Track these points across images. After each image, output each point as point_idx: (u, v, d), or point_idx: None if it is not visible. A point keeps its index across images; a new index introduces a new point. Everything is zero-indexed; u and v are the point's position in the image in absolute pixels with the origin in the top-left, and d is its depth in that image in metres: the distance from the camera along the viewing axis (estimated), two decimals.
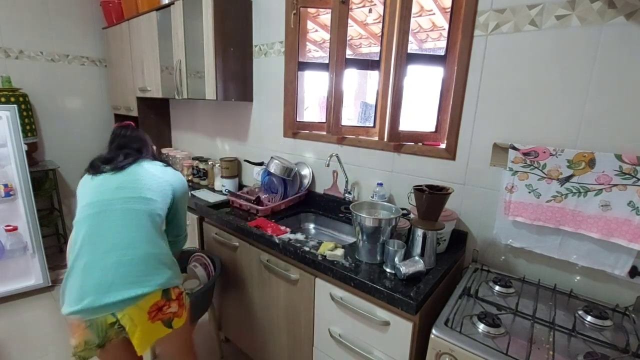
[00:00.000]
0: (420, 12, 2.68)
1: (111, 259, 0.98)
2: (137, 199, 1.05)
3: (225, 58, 1.93)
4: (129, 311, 0.98)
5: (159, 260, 1.05)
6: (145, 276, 1.00)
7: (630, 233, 0.99)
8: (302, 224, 1.81)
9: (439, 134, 1.53)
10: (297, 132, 1.93)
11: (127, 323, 0.99)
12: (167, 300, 1.04)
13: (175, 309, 1.06)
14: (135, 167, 1.14)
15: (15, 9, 2.64)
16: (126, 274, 0.98)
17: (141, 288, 0.98)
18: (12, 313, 2.22)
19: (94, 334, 0.99)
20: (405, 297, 0.99)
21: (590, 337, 0.92)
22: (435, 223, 1.15)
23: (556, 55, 1.08)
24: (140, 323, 1.00)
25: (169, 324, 1.05)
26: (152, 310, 1.01)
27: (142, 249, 1.02)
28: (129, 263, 0.99)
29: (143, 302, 0.99)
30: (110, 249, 0.99)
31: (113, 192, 1.05)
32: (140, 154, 1.22)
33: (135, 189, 1.07)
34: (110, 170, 1.11)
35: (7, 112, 2.15)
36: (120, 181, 1.08)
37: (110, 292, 0.96)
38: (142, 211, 1.05)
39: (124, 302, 0.97)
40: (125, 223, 1.02)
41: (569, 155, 1.06)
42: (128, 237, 1.01)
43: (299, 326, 1.37)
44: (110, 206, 1.03)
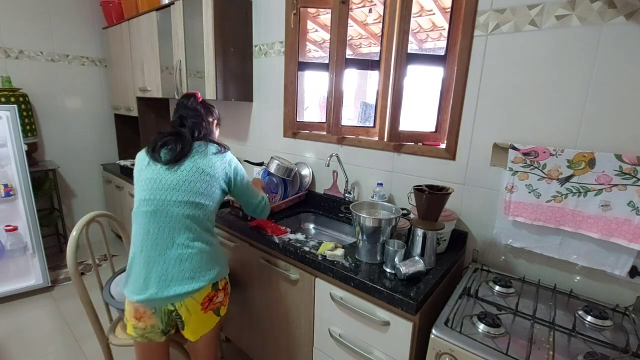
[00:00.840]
0: (420, 12, 2.67)
1: (171, 255, 1.11)
2: (190, 203, 1.13)
3: (225, 58, 1.93)
4: (186, 302, 1.12)
5: (210, 256, 1.17)
6: (200, 271, 1.13)
7: (630, 233, 0.99)
8: (302, 224, 1.81)
9: (439, 134, 1.53)
10: (297, 132, 1.93)
11: (183, 313, 1.13)
12: (216, 291, 1.18)
13: (221, 298, 1.21)
14: (189, 163, 1.16)
15: (16, 9, 2.64)
16: (184, 269, 1.11)
17: (197, 283, 1.11)
18: (12, 313, 2.22)
19: (158, 320, 1.14)
20: (405, 297, 0.99)
21: (590, 337, 0.92)
22: (435, 223, 1.15)
23: (556, 55, 1.08)
24: (195, 312, 1.14)
25: (217, 312, 1.21)
26: (205, 302, 1.15)
27: (197, 248, 1.13)
28: (187, 259, 1.12)
29: (198, 295, 1.13)
30: (169, 246, 1.11)
31: (168, 193, 1.12)
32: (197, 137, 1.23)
33: (188, 192, 1.13)
34: (165, 163, 1.15)
35: (7, 112, 2.15)
36: (176, 182, 1.13)
37: (171, 285, 1.09)
38: (195, 216, 1.14)
39: (182, 295, 1.10)
40: (180, 226, 1.12)
41: (569, 155, 1.06)
42: (184, 237, 1.12)
43: (299, 326, 1.37)
44: (167, 207, 1.11)
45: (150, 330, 1.15)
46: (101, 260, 2.80)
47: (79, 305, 1.50)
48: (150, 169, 1.17)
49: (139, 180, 1.17)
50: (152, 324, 1.14)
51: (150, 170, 1.16)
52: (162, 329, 1.16)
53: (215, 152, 1.23)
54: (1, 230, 2.25)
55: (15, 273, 2.36)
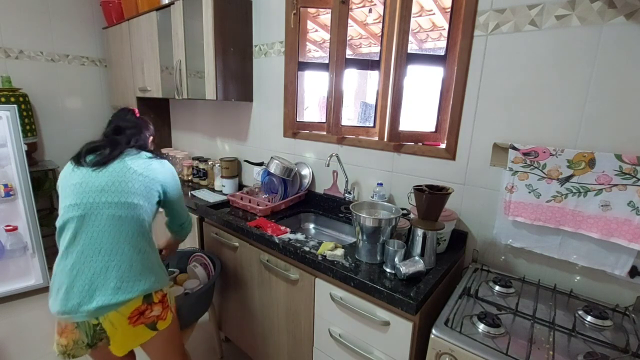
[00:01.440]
0: (420, 12, 2.67)
1: (97, 264, 1.00)
2: (122, 204, 1.03)
3: (225, 58, 1.93)
4: (110, 316, 1.01)
5: (143, 265, 1.06)
6: (128, 282, 1.02)
7: (630, 233, 0.99)
8: (302, 224, 1.81)
9: (439, 134, 1.53)
10: (297, 132, 1.93)
11: (107, 327, 1.03)
12: (149, 304, 1.06)
13: (158, 312, 1.09)
14: (118, 164, 1.08)
15: (16, 9, 2.64)
16: (110, 279, 1.00)
17: (123, 294, 1.00)
18: (12, 313, 2.22)
19: (82, 334, 1.05)
20: (405, 297, 0.99)
21: (590, 337, 0.92)
22: (435, 223, 1.15)
23: (556, 55, 1.08)
24: (121, 326, 1.03)
25: (153, 327, 1.08)
26: (133, 315, 1.03)
27: (126, 255, 1.03)
28: (113, 268, 1.01)
29: (124, 308, 1.02)
30: (95, 253, 1.01)
31: (97, 195, 1.02)
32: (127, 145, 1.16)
33: (119, 193, 1.03)
34: (92, 165, 1.07)
35: (7, 112, 2.15)
36: (104, 182, 1.04)
37: (95, 297, 0.99)
38: (127, 217, 1.04)
39: (105, 308, 0.99)
40: (111, 229, 1.02)
41: (569, 155, 1.06)
42: (113, 243, 1.02)
43: (299, 326, 1.37)
44: (95, 210, 1.02)
45: (73, 346, 1.06)
46: None
47: None
48: (75, 174, 1.08)
49: (64, 187, 1.08)
50: (74, 339, 1.05)
51: (76, 175, 1.07)
52: (87, 342, 1.07)
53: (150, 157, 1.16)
54: (1, 230, 2.25)
55: (15, 273, 2.36)
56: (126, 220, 1.04)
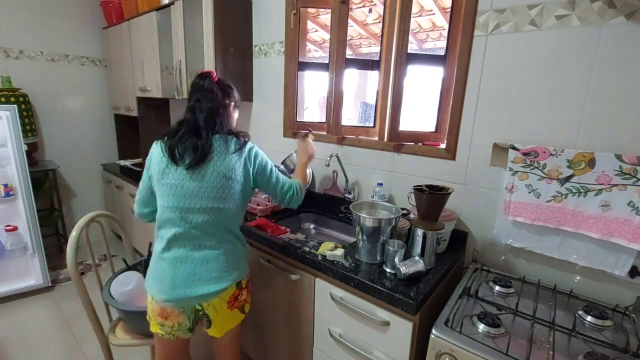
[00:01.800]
0: (420, 12, 2.67)
1: (198, 256, 1.13)
2: (213, 209, 1.14)
3: (225, 58, 1.93)
4: (214, 302, 1.15)
5: (234, 256, 1.19)
6: (225, 271, 1.15)
7: (630, 233, 0.99)
8: (302, 224, 1.81)
9: (439, 134, 1.53)
10: (297, 132, 1.92)
11: (210, 312, 1.16)
12: (240, 290, 1.20)
13: (245, 296, 1.24)
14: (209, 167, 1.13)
15: (16, 9, 2.64)
16: (211, 269, 1.13)
17: (223, 283, 1.14)
18: (12, 313, 2.22)
19: (185, 318, 1.17)
20: (405, 297, 0.99)
21: (590, 337, 0.92)
22: (435, 223, 1.15)
23: (556, 55, 1.08)
24: (222, 311, 1.17)
25: (242, 310, 1.24)
26: (231, 300, 1.18)
27: (222, 248, 1.16)
28: (213, 260, 1.14)
29: (224, 294, 1.16)
30: (196, 247, 1.14)
31: (191, 200, 1.12)
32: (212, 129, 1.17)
33: (211, 199, 1.13)
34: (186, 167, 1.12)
35: (7, 112, 2.15)
36: (197, 188, 1.12)
37: (199, 285, 1.11)
38: (218, 220, 1.15)
39: (210, 295, 1.13)
40: (204, 231, 1.14)
41: (569, 155, 1.06)
42: (210, 239, 1.15)
43: (299, 326, 1.37)
44: (191, 214, 1.12)
45: (178, 328, 1.17)
46: (101, 260, 2.80)
47: (79, 305, 1.50)
48: (171, 173, 1.14)
49: (161, 184, 1.15)
50: (179, 321, 1.17)
51: (171, 175, 1.13)
52: (189, 326, 1.19)
53: (234, 151, 1.17)
54: (1, 230, 2.25)
55: (15, 273, 2.36)
56: (215, 223, 1.15)
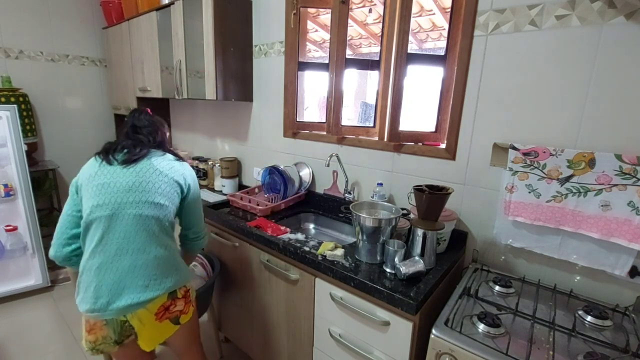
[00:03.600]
0: (420, 12, 2.68)
1: (125, 262, 1.03)
2: (148, 204, 1.07)
3: (225, 58, 1.93)
4: (138, 313, 1.05)
5: (168, 263, 1.10)
6: (155, 280, 1.06)
7: (630, 233, 0.99)
8: (302, 224, 1.81)
9: (439, 134, 1.53)
10: (297, 132, 1.93)
11: (135, 324, 1.06)
12: (173, 300, 1.11)
13: (181, 307, 1.13)
14: (145, 163, 1.12)
15: (16, 9, 2.64)
16: (138, 277, 1.04)
17: (151, 292, 1.04)
18: (12, 313, 2.22)
19: (110, 331, 1.06)
20: (405, 297, 0.99)
21: (590, 337, 0.92)
22: (435, 223, 1.15)
23: (556, 55, 1.08)
24: (149, 323, 1.07)
25: (176, 321, 1.13)
26: (159, 312, 1.08)
27: (153, 253, 1.07)
28: (141, 267, 1.05)
29: (151, 305, 1.06)
30: (123, 252, 1.04)
31: (124, 195, 1.05)
32: (154, 144, 1.20)
33: (145, 192, 1.07)
34: (121, 163, 1.09)
35: (7, 112, 2.15)
36: (132, 182, 1.07)
37: (123, 295, 1.02)
38: (152, 217, 1.08)
39: (134, 306, 1.03)
40: (137, 228, 1.05)
41: (569, 155, 1.06)
42: (140, 241, 1.05)
43: (299, 326, 1.37)
44: (122, 210, 1.05)
45: (102, 342, 1.07)
46: None
47: None
48: (102, 173, 1.09)
49: (91, 187, 1.08)
50: (103, 335, 1.06)
51: (103, 174, 1.09)
52: (114, 339, 1.08)
53: (174, 159, 1.20)
54: (1, 230, 2.25)
55: (15, 273, 2.36)
56: (152, 219, 1.07)
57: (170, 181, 1.13)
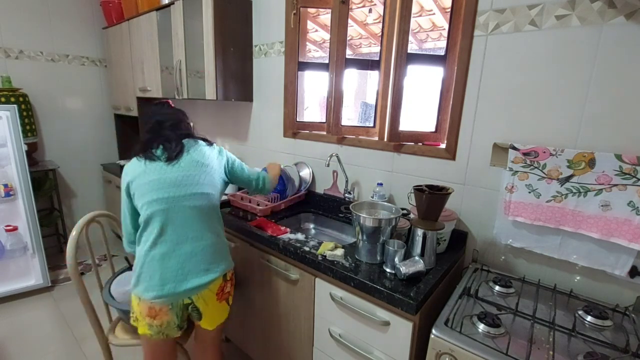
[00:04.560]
0: (420, 12, 2.67)
1: (185, 250, 1.14)
2: (196, 195, 1.16)
3: (225, 58, 1.93)
4: (203, 294, 1.17)
5: (220, 247, 1.22)
6: (212, 263, 1.18)
7: (630, 233, 0.99)
8: (302, 224, 1.81)
9: (439, 134, 1.53)
10: (297, 132, 1.93)
11: (201, 304, 1.18)
12: (226, 282, 1.24)
13: (229, 289, 1.27)
14: (186, 157, 1.19)
15: (16, 9, 2.64)
16: (199, 262, 1.15)
17: (211, 274, 1.17)
18: (12, 313, 2.22)
19: (174, 315, 1.16)
20: (405, 297, 0.99)
21: (590, 337, 0.92)
22: (435, 223, 1.15)
23: (556, 55, 1.08)
24: (211, 302, 1.20)
25: (228, 301, 1.27)
26: (219, 292, 1.21)
27: (208, 240, 1.18)
28: (200, 252, 1.16)
29: (213, 286, 1.18)
30: (182, 240, 1.14)
31: (174, 189, 1.14)
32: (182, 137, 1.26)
33: (192, 185, 1.16)
34: (164, 160, 1.17)
35: (7, 112, 2.15)
36: (178, 177, 1.15)
37: (188, 279, 1.13)
38: (203, 207, 1.18)
39: (199, 288, 1.15)
40: (193, 218, 1.16)
41: (569, 155, 1.06)
42: (196, 230, 1.16)
43: (299, 326, 1.37)
44: (176, 203, 1.14)
45: (167, 326, 1.17)
46: (101, 260, 2.80)
47: (79, 305, 1.49)
48: (149, 171, 1.15)
49: (140, 185, 1.15)
50: (168, 320, 1.16)
51: (150, 172, 1.15)
52: (177, 324, 1.19)
53: (205, 145, 1.28)
54: (1, 230, 2.25)
55: (15, 273, 2.36)
56: (203, 208, 1.18)
57: (210, 170, 1.23)
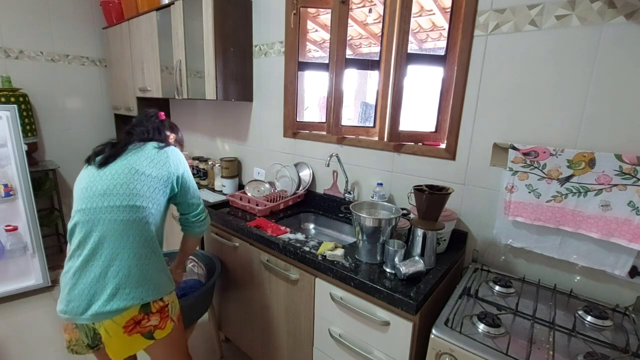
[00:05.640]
0: (420, 12, 2.68)
1: (96, 270, 1.00)
2: (124, 208, 1.01)
3: (225, 58, 1.93)
4: (105, 324, 1.00)
5: (142, 273, 1.03)
6: (125, 289, 1.00)
7: (630, 233, 0.99)
8: (302, 224, 1.81)
9: (439, 134, 1.53)
10: (297, 132, 1.93)
11: (102, 334, 1.02)
12: (146, 314, 1.04)
13: (156, 322, 1.05)
14: (121, 163, 1.06)
15: (16, 9, 2.64)
16: (107, 285, 1.00)
17: (118, 302, 0.99)
18: (12, 313, 2.22)
19: (82, 334, 1.06)
20: (405, 297, 0.99)
21: (590, 337, 0.92)
22: (435, 223, 1.15)
23: (556, 55, 1.08)
24: (115, 335, 1.01)
25: (149, 336, 1.05)
26: (129, 325, 1.01)
27: (125, 262, 1.01)
28: (111, 275, 1.00)
29: (119, 318, 1.00)
30: (97, 259, 1.01)
31: (100, 199, 1.01)
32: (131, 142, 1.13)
33: (122, 196, 1.01)
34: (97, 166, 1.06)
35: (7, 112, 2.15)
36: (107, 185, 1.02)
37: (92, 302, 0.99)
38: (130, 221, 1.02)
39: (100, 315, 0.99)
40: (113, 235, 1.01)
41: (569, 155, 1.06)
42: (113, 248, 1.01)
43: (299, 326, 1.37)
44: (97, 215, 1.01)
45: (75, 343, 1.07)
46: None
47: None
48: (83, 177, 1.08)
49: (75, 191, 1.09)
50: (76, 337, 1.06)
51: (83, 179, 1.07)
52: (87, 343, 1.07)
53: (155, 147, 1.12)
54: (1, 230, 2.25)
55: (15, 273, 2.36)
56: (130, 224, 1.02)
57: (149, 180, 1.06)
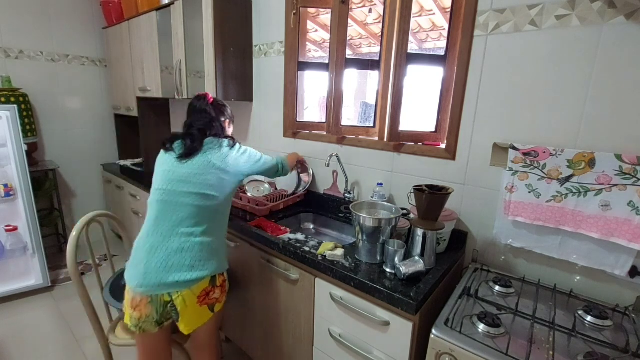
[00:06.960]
0: (420, 12, 2.67)
1: (174, 243, 1.14)
2: (199, 195, 1.17)
3: (225, 58, 1.93)
4: (184, 293, 1.13)
5: (212, 248, 1.20)
6: (199, 261, 1.15)
7: (630, 233, 0.99)
8: (302, 224, 1.81)
9: (439, 134, 1.53)
10: (297, 132, 1.93)
11: (179, 304, 1.13)
12: (213, 287, 1.20)
13: (218, 295, 1.22)
14: (201, 157, 1.21)
15: (16, 9, 2.64)
16: (185, 258, 1.13)
17: (196, 272, 1.13)
18: (12, 313, 2.22)
19: (153, 310, 1.15)
20: (405, 297, 0.99)
21: (590, 337, 0.92)
22: (435, 223, 1.15)
23: (556, 55, 1.08)
24: (191, 305, 1.15)
25: (212, 308, 1.21)
26: (202, 295, 1.16)
27: (199, 238, 1.17)
28: (188, 249, 1.14)
29: (195, 287, 1.14)
30: (173, 235, 1.14)
31: (179, 184, 1.17)
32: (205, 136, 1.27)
33: (198, 184, 1.17)
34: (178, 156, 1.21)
35: (7, 112, 2.15)
36: (187, 174, 1.18)
37: (171, 272, 1.11)
38: (202, 207, 1.18)
39: (181, 284, 1.12)
40: (188, 215, 1.16)
41: (569, 155, 1.06)
42: (189, 226, 1.16)
43: (299, 326, 1.37)
44: (176, 198, 1.16)
45: (145, 320, 1.15)
46: (101, 260, 2.81)
47: (79, 305, 1.50)
48: (165, 161, 1.23)
49: (156, 172, 1.24)
50: (147, 313, 1.14)
51: (165, 163, 1.23)
52: (156, 319, 1.16)
53: (227, 146, 1.27)
54: (1, 230, 2.25)
55: (15, 273, 2.36)
56: (201, 208, 1.17)
57: (222, 174, 1.22)
